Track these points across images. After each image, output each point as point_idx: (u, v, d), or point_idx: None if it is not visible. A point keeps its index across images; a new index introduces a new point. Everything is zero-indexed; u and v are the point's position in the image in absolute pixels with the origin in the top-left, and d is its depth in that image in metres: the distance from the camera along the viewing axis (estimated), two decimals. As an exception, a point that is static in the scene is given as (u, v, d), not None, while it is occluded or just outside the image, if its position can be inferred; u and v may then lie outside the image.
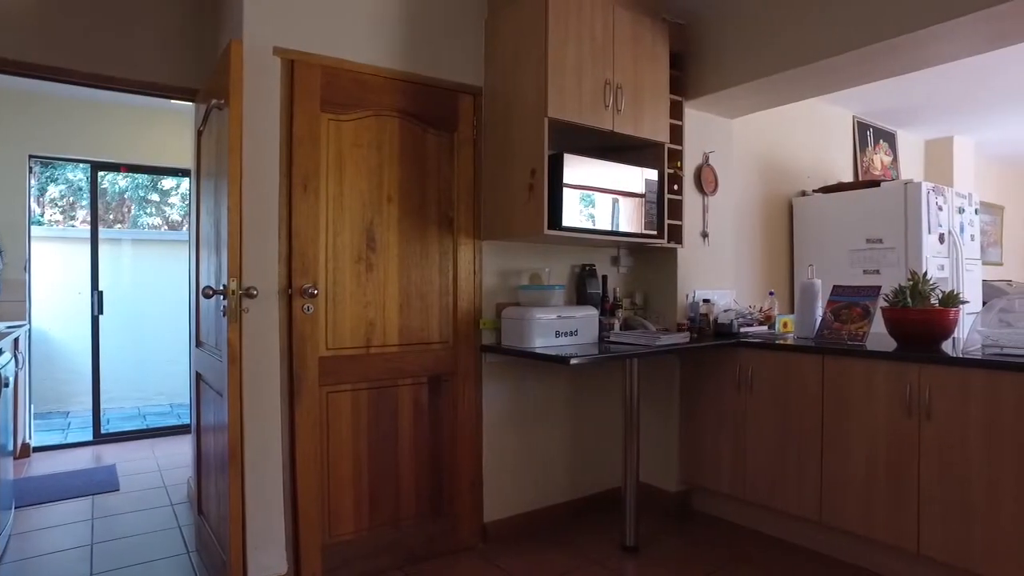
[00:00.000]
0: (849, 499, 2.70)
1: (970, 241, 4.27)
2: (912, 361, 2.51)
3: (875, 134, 5.38)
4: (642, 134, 2.96)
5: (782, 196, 4.47)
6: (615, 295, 3.35)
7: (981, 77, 4.37)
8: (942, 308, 2.67)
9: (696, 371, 3.33)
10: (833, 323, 2.99)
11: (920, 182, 3.86)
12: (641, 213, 2.98)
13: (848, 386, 2.70)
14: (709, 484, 3.28)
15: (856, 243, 4.10)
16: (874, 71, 3.04)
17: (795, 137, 4.62)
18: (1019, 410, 2.23)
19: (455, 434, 2.91)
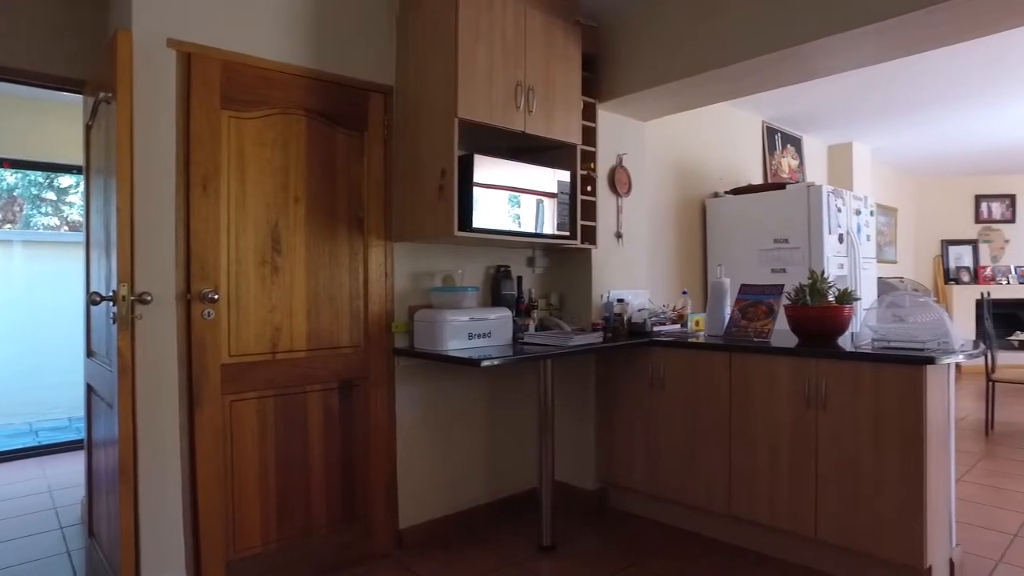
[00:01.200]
0: (755, 490, 2.80)
1: (866, 241, 4.51)
2: (810, 356, 2.62)
3: (783, 139, 5.62)
4: (554, 135, 2.98)
5: (696, 197, 4.60)
6: (530, 296, 3.35)
7: (874, 88, 4.63)
8: (838, 305, 2.80)
9: (611, 370, 3.38)
10: (740, 321, 3.09)
11: (821, 185, 4.05)
12: (554, 214, 2.99)
13: (753, 381, 2.80)
14: (625, 481, 3.33)
15: (764, 243, 4.26)
16: (777, 78, 3.16)
17: (708, 140, 4.76)
18: (902, 399, 2.37)
19: (368, 439, 2.84)
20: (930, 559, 2.38)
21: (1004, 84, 4.59)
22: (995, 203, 8.42)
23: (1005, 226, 8.42)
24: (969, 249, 8.38)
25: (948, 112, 5.33)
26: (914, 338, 2.55)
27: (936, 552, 2.44)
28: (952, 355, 2.41)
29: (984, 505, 3.41)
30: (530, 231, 2.90)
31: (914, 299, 2.66)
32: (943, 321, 2.59)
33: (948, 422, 2.59)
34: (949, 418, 2.60)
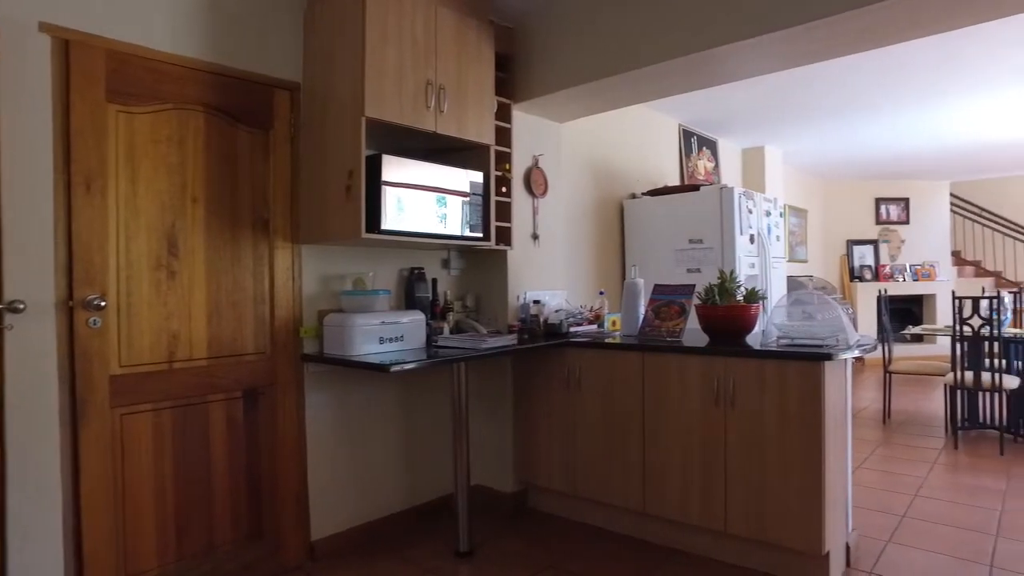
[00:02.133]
0: (668, 487, 2.85)
1: (776, 241, 4.69)
2: (718, 355, 2.69)
3: (699, 141, 5.78)
4: (466, 136, 2.94)
5: (614, 198, 4.66)
6: (446, 298, 3.31)
7: (783, 95, 4.82)
8: (745, 304, 2.88)
9: (528, 372, 3.37)
10: (654, 320, 3.14)
11: (733, 187, 4.18)
12: (466, 215, 2.96)
13: (665, 381, 2.85)
14: (544, 482, 3.33)
15: (680, 243, 4.36)
16: (689, 81, 3.22)
17: (626, 142, 4.84)
18: (802, 394, 2.46)
19: (276, 449, 2.73)
20: (828, 545, 2.48)
21: (899, 96, 4.87)
22: (892, 206, 8.95)
23: (901, 227, 8.96)
24: (871, 248, 8.87)
25: (850, 120, 5.62)
26: (815, 335, 2.65)
27: (834, 538, 2.54)
28: (848, 351, 2.52)
29: (879, 489, 3.60)
30: (441, 233, 2.85)
31: (814, 297, 2.76)
32: (840, 318, 2.70)
33: (845, 414, 2.71)
34: (846, 410, 2.72)
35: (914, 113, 5.47)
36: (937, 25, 2.54)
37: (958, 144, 6.66)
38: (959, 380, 4.44)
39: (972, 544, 2.89)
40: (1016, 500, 3.42)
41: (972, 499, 3.44)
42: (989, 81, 4.59)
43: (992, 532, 3.02)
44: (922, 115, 5.53)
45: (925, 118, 5.63)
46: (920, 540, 2.94)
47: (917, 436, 4.78)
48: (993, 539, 2.95)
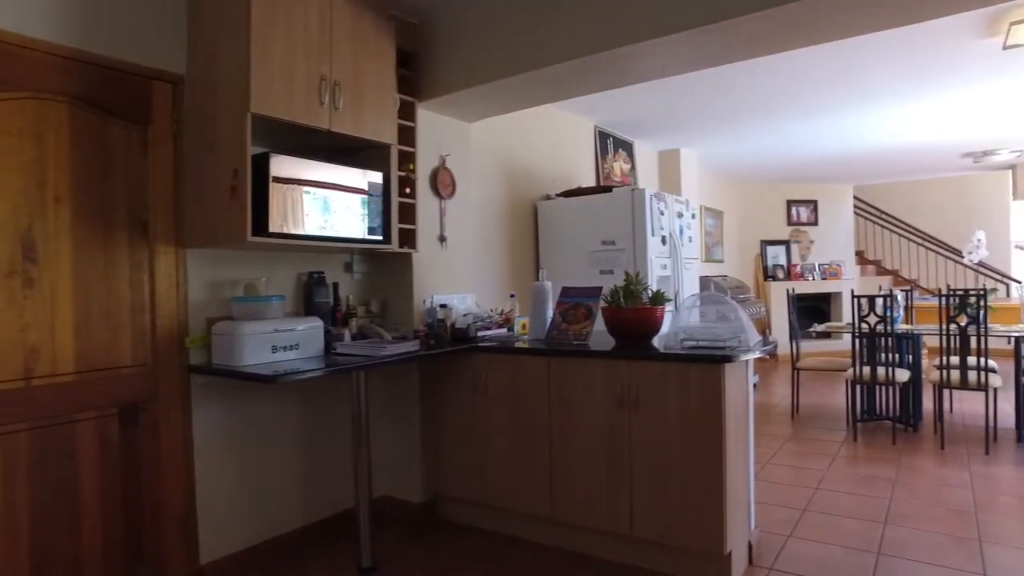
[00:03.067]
0: (574, 492, 2.81)
1: (688, 243, 4.76)
2: (621, 358, 2.67)
3: (615, 143, 5.82)
4: (364, 134, 2.82)
5: (528, 199, 4.63)
6: (348, 303, 3.18)
7: (696, 99, 4.91)
8: (651, 306, 2.88)
9: (436, 378, 3.28)
10: (561, 324, 3.10)
11: (644, 189, 4.21)
12: (365, 218, 2.84)
13: (571, 385, 2.81)
14: (453, 491, 3.25)
15: (593, 245, 4.36)
16: (597, 81, 3.20)
17: (541, 143, 4.81)
18: (703, 396, 2.46)
19: (158, 469, 2.54)
20: (730, 544, 2.50)
21: (802, 103, 5.03)
22: (802, 208, 9.32)
23: (811, 228, 9.34)
24: (783, 249, 9.21)
25: (760, 124, 5.78)
26: (717, 337, 2.67)
27: (735, 537, 2.56)
28: (748, 352, 2.54)
29: (783, 484, 3.69)
30: (337, 236, 2.72)
31: (718, 298, 2.79)
32: (741, 320, 2.73)
33: (747, 413, 2.74)
34: (748, 409, 2.76)
35: (817, 119, 5.68)
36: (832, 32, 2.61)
37: (857, 150, 6.98)
38: (858, 375, 4.62)
39: (863, 533, 2.99)
40: (902, 488, 3.57)
41: (866, 489, 3.57)
42: (877, 94, 4.81)
43: (881, 520, 3.13)
44: (824, 122, 5.74)
45: (827, 124, 5.85)
46: (818, 533, 3.02)
47: (822, 430, 4.95)
48: (882, 527, 3.06)
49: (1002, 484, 3.64)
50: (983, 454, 4.20)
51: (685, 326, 2.74)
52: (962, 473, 3.83)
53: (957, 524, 3.08)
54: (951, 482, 3.68)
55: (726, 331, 2.66)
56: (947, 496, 3.45)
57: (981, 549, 2.82)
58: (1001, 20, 3.70)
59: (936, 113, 5.53)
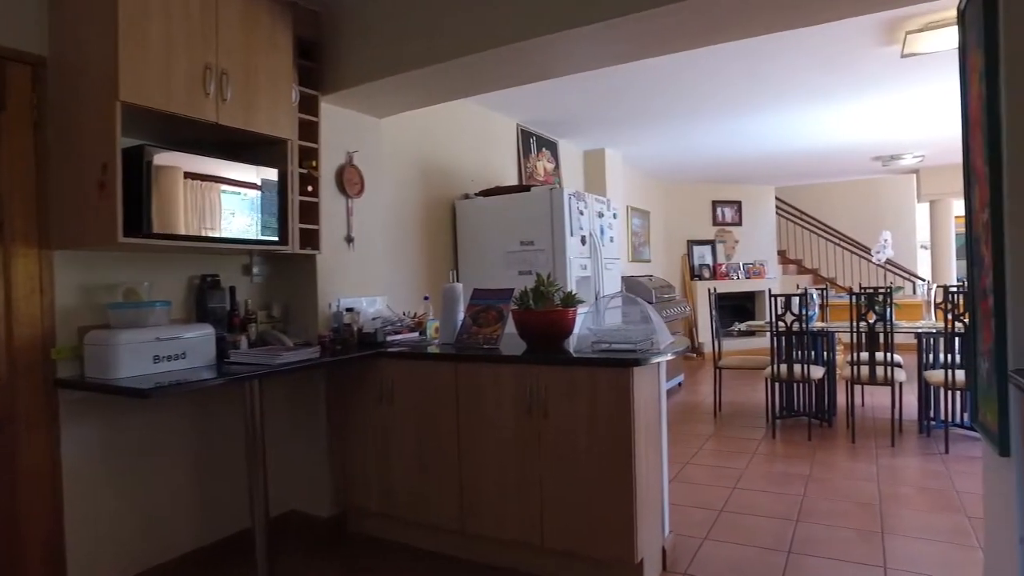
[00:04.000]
0: (484, 503, 2.70)
1: (610, 243, 4.73)
2: (529, 363, 2.58)
3: (538, 142, 5.76)
4: (257, 128, 2.63)
5: (446, 198, 4.50)
6: (247, 308, 2.98)
7: (617, 97, 4.89)
8: (562, 308, 2.80)
9: (342, 386, 3.12)
10: (472, 327, 2.99)
11: (563, 188, 4.14)
12: (258, 217, 2.66)
13: (480, 391, 2.70)
14: (362, 504, 3.09)
15: (512, 245, 4.27)
16: (512, 75, 3.10)
17: (461, 141, 4.69)
18: (612, 401, 2.39)
19: (16, 495, 2.29)
20: (641, 552, 2.44)
21: (727, 101, 5.09)
22: (727, 208, 9.52)
23: (735, 228, 9.56)
24: (709, 248, 9.38)
25: (683, 125, 5.83)
26: (628, 339, 2.61)
27: (648, 544, 2.51)
28: (659, 355, 2.49)
29: (702, 485, 3.69)
30: (226, 236, 2.53)
31: (627, 299, 2.73)
32: (653, 321, 2.69)
33: (660, 416, 2.70)
34: (661, 413, 2.71)
35: (738, 120, 5.77)
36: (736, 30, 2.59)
37: (778, 151, 7.15)
38: (776, 373, 4.69)
39: (777, 532, 3.00)
40: (815, 484, 3.62)
41: (781, 487, 3.60)
42: (793, 97, 4.91)
43: (794, 518, 3.15)
44: (746, 123, 5.84)
45: (749, 125, 5.96)
46: (733, 534, 3.01)
47: (743, 427, 5.01)
48: (794, 525, 3.07)
49: (905, 475, 3.74)
50: (889, 446, 4.32)
51: (596, 328, 2.67)
52: (870, 466, 3.92)
53: (863, 518, 3.13)
54: (859, 476, 3.75)
55: (637, 333, 2.61)
56: (855, 490, 3.52)
57: (883, 541, 2.87)
58: (898, 29, 3.80)
59: (847, 117, 5.71)
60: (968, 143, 2.16)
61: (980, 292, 2.08)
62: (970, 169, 2.15)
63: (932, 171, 8.60)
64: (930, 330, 4.61)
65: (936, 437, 4.52)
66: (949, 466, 3.89)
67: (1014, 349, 1.78)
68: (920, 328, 4.67)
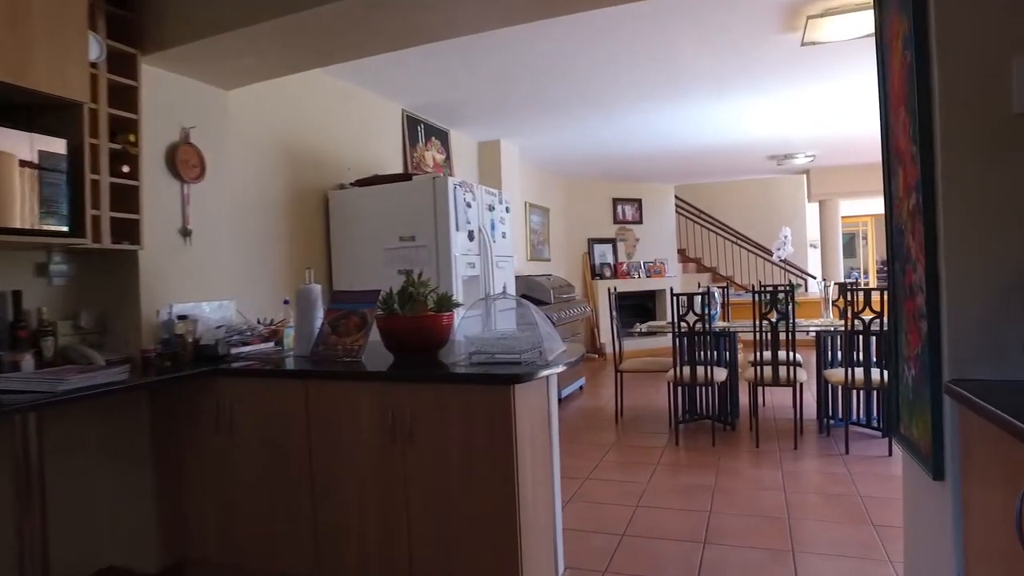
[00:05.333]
0: (345, 547, 2.23)
1: (502, 239, 4.34)
2: (391, 380, 2.13)
3: (427, 131, 5.30)
4: (26, 83, 2.03)
5: (318, 188, 3.97)
6: (41, 317, 2.36)
7: (510, 84, 4.51)
8: (435, 314, 2.37)
9: (172, 412, 2.55)
10: (330, 336, 2.50)
11: (447, 177, 3.71)
12: (34, 201, 2.06)
13: (336, 415, 2.22)
14: (199, 553, 2.54)
15: (391, 241, 3.80)
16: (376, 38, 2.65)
17: (339, 126, 4.18)
18: (490, 424, 1.98)
19: None
20: (530, 600, 2.05)
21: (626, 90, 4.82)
22: (628, 206, 9.41)
23: (636, 227, 9.46)
24: (610, 247, 9.22)
25: (580, 118, 5.54)
26: (511, 349, 2.21)
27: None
28: (547, 368, 2.11)
29: (603, 504, 3.35)
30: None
31: (510, 301, 2.33)
32: (541, 327, 2.30)
33: (550, 437, 2.31)
34: (550, 433, 2.32)
35: (639, 113, 5.54)
36: None
37: (677, 148, 7.03)
38: (678, 376, 4.46)
39: (684, 559, 2.69)
40: (722, 496, 3.37)
41: (687, 501, 3.33)
42: (693, 87, 4.71)
43: (701, 540, 2.87)
44: (646, 116, 5.62)
45: (649, 119, 5.74)
46: (637, 563, 2.67)
47: (646, 434, 4.75)
48: (702, 548, 2.78)
49: (809, 481, 3.57)
50: (792, 449, 4.17)
51: (475, 337, 2.26)
52: (775, 473, 3.72)
53: (773, 535, 2.89)
54: (766, 484, 3.54)
55: (523, 342, 2.22)
56: (762, 502, 3.29)
57: (794, 561, 2.62)
58: (799, 14, 3.62)
59: (747, 113, 5.60)
60: (888, 124, 1.90)
61: (904, 289, 1.83)
62: (890, 153, 1.90)
63: (821, 172, 8.80)
64: (829, 328, 4.52)
65: (836, 436, 4.43)
66: (850, 467, 3.76)
67: (951, 356, 1.51)
68: (820, 326, 4.57)
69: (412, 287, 2.38)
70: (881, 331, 3.95)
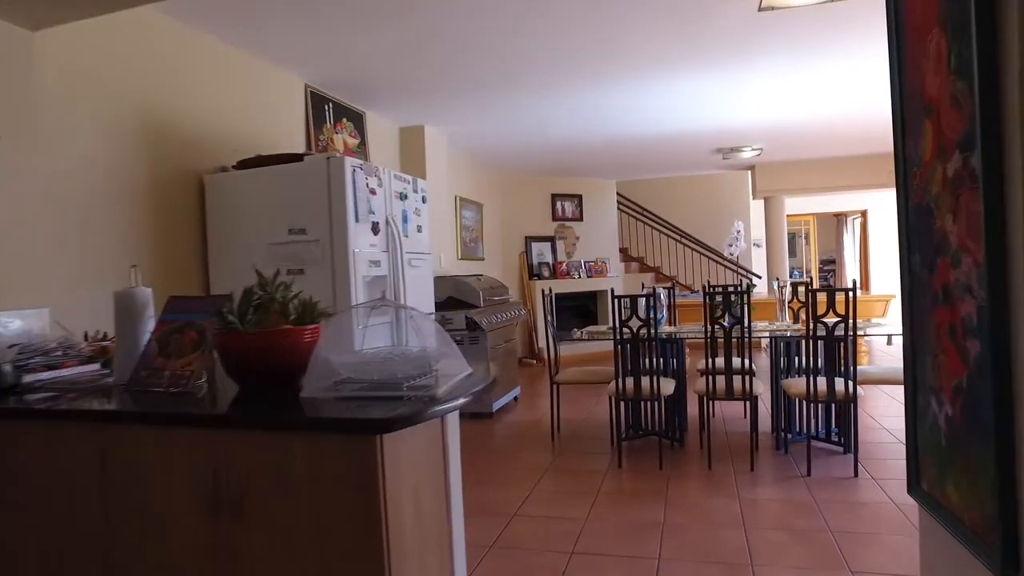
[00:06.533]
0: (157, 664, 1.57)
1: (417, 233, 3.72)
2: (217, 426, 1.49)
3: (337, 111, 4.63)
4: None
5: (191, 171, 3.26)
6: None
7: (434, 59, 3.90)
8: (292, 328, 1.73)
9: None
10: (156, 358, 1.84)
11: (343, 157, 3.07)
12: None
13: (142, 475, 1.56)
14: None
15: (278, 234, 3.13)
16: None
17: (222, 98, 3.49)
18: (352, 492, 1.37)
19: None
20: None
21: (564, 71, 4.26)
22: (568, 202, 8.90)
23: (576, 224, 8.96)
24: (549, 245, 8.69)
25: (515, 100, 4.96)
26: (392, 376, 1.60)
27: None
28: (441, 403, 1.50)
29: (533, 550, 2.77)
30: None
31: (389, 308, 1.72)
32: (435, 346, 1.70)
33: (445, 498, 1.71)
34: (448, 491, 1.72)
35: (577, 98, 5.01)
36: None
37: (619, 140, 6.54)
38: (620, 389, 3.92)
39: (629, 634, 2.14)
40: (672, 538, 2.84)
41: (632, 544, 2.79)
42: (638, 67, 4.20)
43: (652, 604, 2.32)
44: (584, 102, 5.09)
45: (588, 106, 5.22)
46: (568, 639, 2.11)
47: (585, 454, 4.22)
48: (653, 617, 2.24)
49: (772, 514, 3.08)
50: (749, 471, 3.70)
51: (343, 360, 1.64)
52: (731, 504, 3.22)
53: (736, 592, 2.37)
54: (722, 519, 3.04)
55: (411, 366, 1.61)
56: (720, 543, 2.77)
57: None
58: (759, -27, 3.15)
59: (693, 98, 5.13)
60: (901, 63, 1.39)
61: (932, 293, 1.32)
62: (905, 104, 1.39)
63: (767, 167, 8.50)
64: (786, 333, 4.07)
65: (794, 453, 3.98)
66: (815, 493, 3.30)
67: (1034, 394, 0.99)
68: (777, 331, 4.12)
69: (263, 288, 1.74)
70: (845, 336, 3.51)
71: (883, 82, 4.87)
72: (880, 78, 4.75)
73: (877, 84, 4.92)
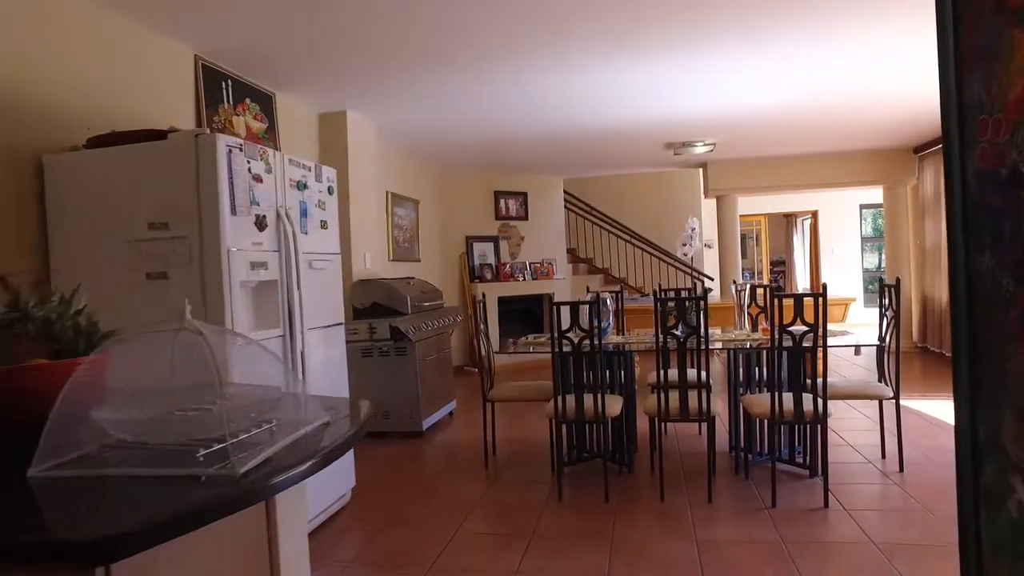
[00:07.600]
0: None
1: (320, 230, 3.14)
2: None
3: (237, 89, 4.01)
4: None
5: (28, 150, 2.62)
6: None
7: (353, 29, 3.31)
8: (48, 363, 1.16)
9: None
10: None
11: (216, 135, 2.48)
12: None
13: None
14: None
15: (138, 229, 2.52)
16: None
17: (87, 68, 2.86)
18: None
19: None
20: None
21: (508, 51, 3.75)
22: (512, 200, 8.40)
23: (521, 223, 8.46)
24: (491, 245, 8.17)
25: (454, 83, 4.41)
26: (189, 438, 1.05)
27: None
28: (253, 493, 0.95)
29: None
30: None
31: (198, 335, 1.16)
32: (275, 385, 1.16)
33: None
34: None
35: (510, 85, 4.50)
36: None
37: (567, 133, 6.07)
38: (560, 411, 3.42)
39: None
40: (624, 599, 2.35)
41: (571, 611, 2.29)
42: (585, 44, 3.72)
43: None
44: (528, 87, 4.59)
45: (533, 94, 4.72)
46: None
47: (522, 483, 3.71)
48: None
49: (735, 560, 2.63)
50: (706, 503, 3.25)
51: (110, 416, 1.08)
52: (688, 547, 2.76)
53: None
54: (677, 568, 2.56)
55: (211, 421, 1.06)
56: (676, 604, 2.30)
57: None
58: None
59: (645, 85, 4.68)
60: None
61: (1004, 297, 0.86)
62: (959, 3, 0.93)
63: (720, 165, 8.16)
64: (745, 344, 3.65)
65: (756, 478, 3.56)
66: (783, 532, 2.86)
67: None
68: (738, 341, 3.69)
69: (7, 307, 1.17)
70: (814, 347, 3.09)
71: (840, 69, 4.52)
72: (837, 65, 4.39)
73: (834, 71, 4.57)
